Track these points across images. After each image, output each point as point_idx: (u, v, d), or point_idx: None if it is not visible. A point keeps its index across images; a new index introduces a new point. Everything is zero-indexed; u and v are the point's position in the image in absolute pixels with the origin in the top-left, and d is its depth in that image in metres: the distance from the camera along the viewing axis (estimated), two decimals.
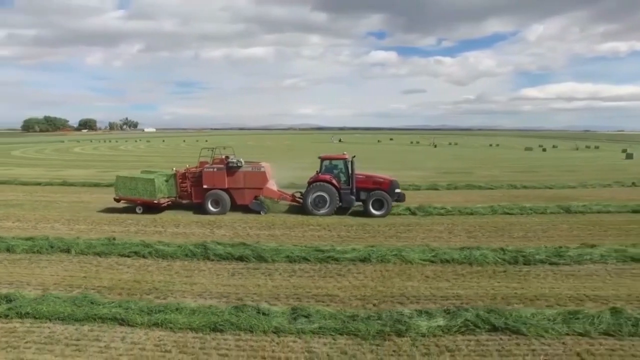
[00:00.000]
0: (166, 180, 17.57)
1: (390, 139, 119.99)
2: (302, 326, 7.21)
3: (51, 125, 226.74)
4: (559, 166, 39.63)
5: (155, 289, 9.18)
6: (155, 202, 16.81)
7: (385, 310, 7.90)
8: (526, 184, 24.79)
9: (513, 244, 12.14)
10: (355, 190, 16.67)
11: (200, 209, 17.11)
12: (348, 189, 16.74)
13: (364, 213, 16.40)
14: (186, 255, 11.23)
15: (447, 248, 11.61)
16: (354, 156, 17.34)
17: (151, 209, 17.09)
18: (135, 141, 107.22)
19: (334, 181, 16.77)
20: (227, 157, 17.63)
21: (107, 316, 7.60)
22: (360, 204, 16.81)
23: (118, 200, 17.46)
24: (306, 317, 7.45)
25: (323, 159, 17.69)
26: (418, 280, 9.65)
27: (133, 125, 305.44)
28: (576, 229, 14.29)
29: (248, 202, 17.14)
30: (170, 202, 17.71)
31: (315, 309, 7.78)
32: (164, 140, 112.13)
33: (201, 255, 11.22)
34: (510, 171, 34.11)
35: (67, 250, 11.62)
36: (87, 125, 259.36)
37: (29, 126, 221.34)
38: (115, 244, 12.01)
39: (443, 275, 9.98)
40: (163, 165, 31.26)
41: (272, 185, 17.77)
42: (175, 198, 17.94)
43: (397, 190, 16.65)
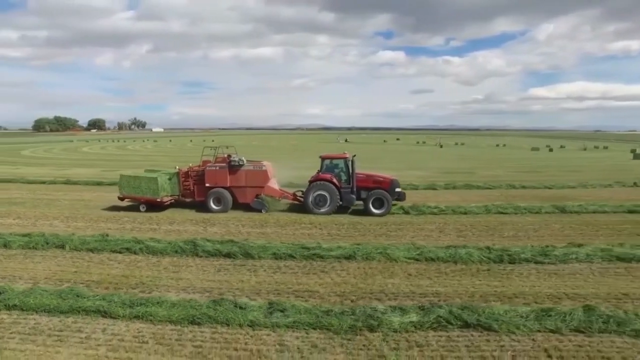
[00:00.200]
0: (169, 178, 17.85)
1: (397, 139, 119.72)
2: (277, 320, 7.38)
3: (61, 125, 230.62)
4: (563, 166, 39.26)
5: (142, 284, 9.42)
6: (158, 201, 17.08)
7: (359, 306, 8.00)
8: (525, 184, 24.59)
9: (501, 243, 12.14)
10: (355, 189, 16.80)
11: (203, 207, 17.38)
12: (348, 188, 16.86)
13: (365, 212, 16.50)
14: (176, 251, 11.45)
15: (433, 247, 11.63)
16: (354, 155, 17.46)
17: (154, 207, 17.41)
18: (143, 141, 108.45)
19: (335, 180, 16.92)
20: (230, 156, 17.90)
21: (91, 309, 7.85)
22: (360, 202, 16.93)
23: (122, 199, 17.74)
24: (282, 312, 7.62)
25: (324, 158, 17.83)
26: (400, 278, 9.72)
27: (141, 125, 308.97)
28: (568, 229, 14.22)
29: (249, 201, 17.37)
30: (173, 201, 18.00)
31: (292, 304, 7.95)
32: (170, 140, 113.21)
33: (190, 251, 11.42)
34: (513, 171, 33.88)
35: (62, 246, 11.90)
36: (96, 125, 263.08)
37: (39, 126, 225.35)
38: (108, 240, 12.28)
39: (426, 273, 10.03)
40: (168, 164, 31.62)
41: (274, 184, 18.02)
42: (178, 196, 18.22)
43: (398, 189, 16.74)
